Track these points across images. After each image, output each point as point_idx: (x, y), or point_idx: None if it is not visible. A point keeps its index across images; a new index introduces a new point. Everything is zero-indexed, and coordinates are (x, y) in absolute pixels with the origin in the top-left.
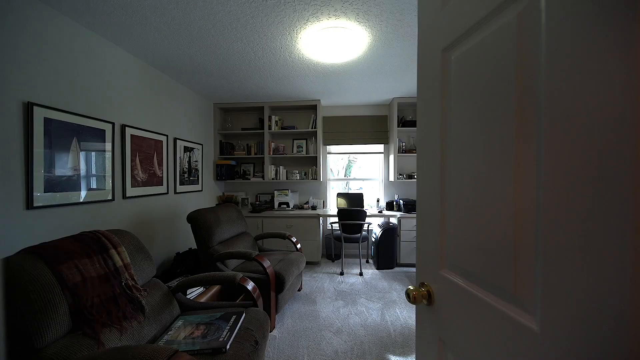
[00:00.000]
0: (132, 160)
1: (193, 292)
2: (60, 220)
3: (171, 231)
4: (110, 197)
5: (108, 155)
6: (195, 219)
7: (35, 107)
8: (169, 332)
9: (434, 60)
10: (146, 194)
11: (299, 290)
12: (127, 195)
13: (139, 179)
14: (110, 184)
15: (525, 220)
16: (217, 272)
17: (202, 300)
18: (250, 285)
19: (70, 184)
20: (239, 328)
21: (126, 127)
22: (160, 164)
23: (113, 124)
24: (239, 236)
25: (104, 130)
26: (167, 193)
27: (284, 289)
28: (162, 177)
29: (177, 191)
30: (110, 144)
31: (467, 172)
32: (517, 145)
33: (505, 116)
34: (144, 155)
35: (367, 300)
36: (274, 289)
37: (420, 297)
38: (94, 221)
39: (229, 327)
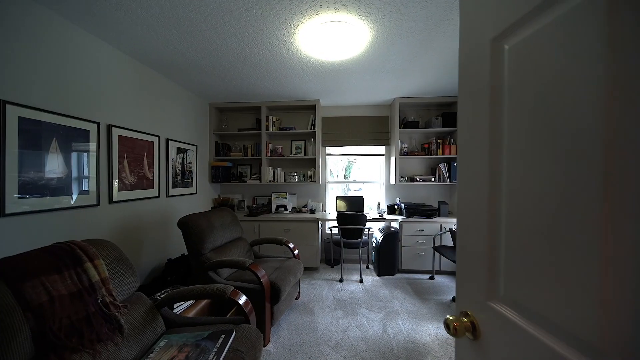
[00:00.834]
0: (119, 163)
1: (181, 306)
2: (38, 228)
3: (162, 237)
4: (94, 202)
5: (92, 157)
6: (186, 225)
7: (7, 105)
8: (150, 355)
9: (481, 52)
10: (135, 197)
11: (296, 299)
12: (114, 200)
13: (127, 182)
14: (95, 188)
15: (618, 255)
16: (207, 285)
17: (191, 314)
18: (242, 300)
19: (50, 188)
20: (228, 350)
21: (113, 127)
22: (150, 166)
23: (98, 123)
24: (233, 242)
25: (88, 131)
26: (159, 196)
27: (280, 300)
28: (152, 180)
29: (170, 194)
30: (95, 145)
31: (530, 185)
32: (607, 152)
33: (589, 118)
34: (133, 157)
35: (367, 310)
36: (269, 300)
37: (463, 330)
38: (76, 229)
39: (216, 350)
